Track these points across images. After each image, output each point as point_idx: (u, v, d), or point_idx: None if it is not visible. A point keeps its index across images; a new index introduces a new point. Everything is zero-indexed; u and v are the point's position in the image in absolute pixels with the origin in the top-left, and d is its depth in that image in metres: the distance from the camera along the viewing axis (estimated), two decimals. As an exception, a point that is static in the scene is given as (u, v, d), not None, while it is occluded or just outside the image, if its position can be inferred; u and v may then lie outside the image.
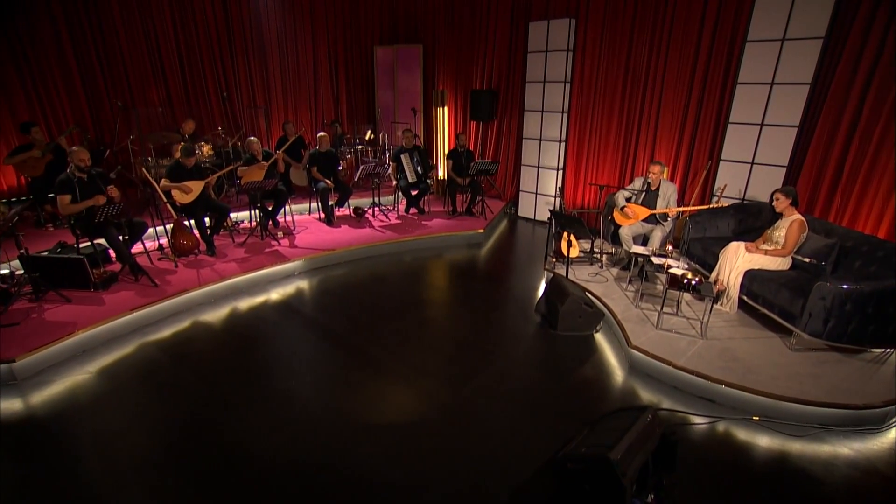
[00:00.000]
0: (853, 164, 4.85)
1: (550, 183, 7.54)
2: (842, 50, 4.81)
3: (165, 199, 5.36)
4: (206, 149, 7.32)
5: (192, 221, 5.72)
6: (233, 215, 6.94)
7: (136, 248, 5.37)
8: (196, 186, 5.57)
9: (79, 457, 2.88)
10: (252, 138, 6.35)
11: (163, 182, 5.40)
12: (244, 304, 4.98)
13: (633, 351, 3.72)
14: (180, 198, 5.46)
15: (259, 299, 5.08)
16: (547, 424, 3.18)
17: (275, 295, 5.18)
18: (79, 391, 3.50)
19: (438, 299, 5.09)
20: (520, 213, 8.13)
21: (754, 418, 3.21)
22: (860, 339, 3.45)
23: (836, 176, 5.00)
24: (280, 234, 6.54)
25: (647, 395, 3.50)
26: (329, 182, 7.00)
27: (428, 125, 9.35)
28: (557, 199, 5.46)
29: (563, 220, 4.72)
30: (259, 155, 6.39)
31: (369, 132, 9.44)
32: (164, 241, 5.79)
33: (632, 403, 3.38)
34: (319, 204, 7.17)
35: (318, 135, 7.06)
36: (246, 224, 6.83)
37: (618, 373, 3.75)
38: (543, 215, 7.50)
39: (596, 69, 6.82)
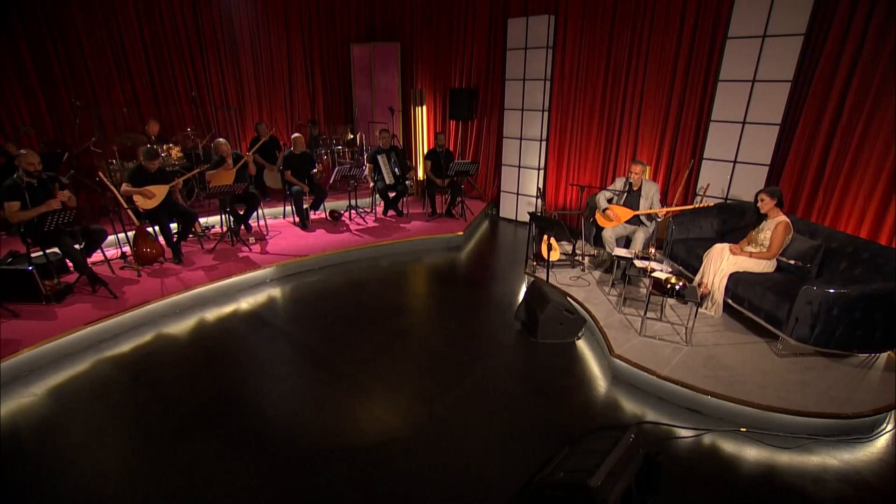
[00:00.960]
0: (835, 163, 4.78)
1: (532, 183, 7.39)
2: (822, 47, 4.74)
3: (126, 205, 5.07)
4: (175, 151, 7.02)
5: (157, 228, 5.44)
6: (203, 220, 6.68)
7: (97, 256, 5.09)
8: (160, 191, 5.29)
9: (15, 493, 2.63)
10: (220, 140, 6.07)
11: (123, 187, 5.11)
12: (211, 314, 4.73)
13: (615, 360, 3.56)
14: (143, 203, 5.18)
15: (227, 309, 4.83)
16: (525, 442, 3.01)
17: (244, 304, 4.93)
18: (21, 416, 3.23)
19: (415, 307, 4.89)
20: (501, 214, 7.97)
21: (742, 430, 3.07)
22: (848, 345, 3.34)
23: (818, 174, 4.93)
24: (252, 239, 6.29)
25: (630, 407, 3.34)
26: (304, 185, 6.76)
27: (407, 125, 9.15)
28: (538, 201, 5.28)
29: (543, 222, 4.56)
30: (228, 157, 6.11)
31: (349, 133, 9.21)
32: (126, 249, 5.50)
33: (614, 418, 3.23)
34: (293, 208, 6.92)
35: (293, 136, 6.81)
36: (217, 229, 6.56)
37: (601, 383, 3.60)
38: (525, 216, 7.36)
39: (576, 66, 6.68)
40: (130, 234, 5.28)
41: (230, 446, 2.95)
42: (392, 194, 7.26)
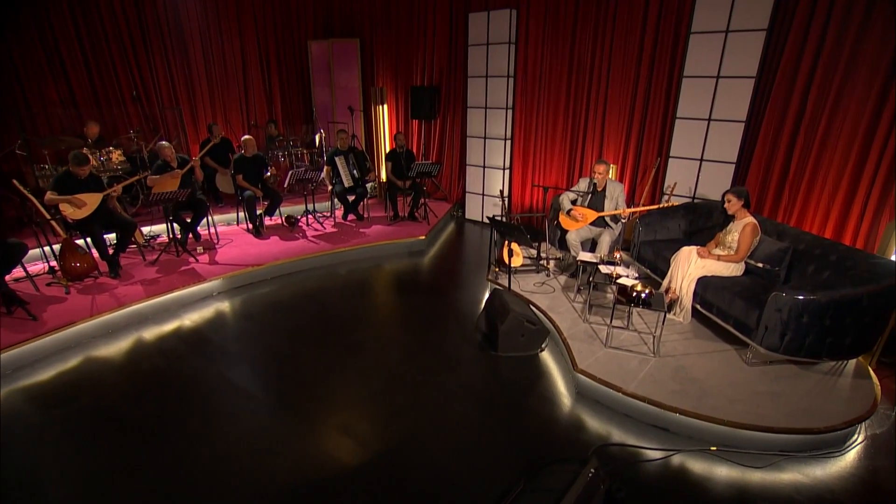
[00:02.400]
0: (799, 160, 4.69)
1: (497, 183, 7.15)
2: (784, 42, 4.65)
3: (49, 216, 4.62)
4: (116, 155, 6.53)
5: (89, 240, 5.00)
6: (147, 229, 6.23)
7: (18, 272, 4.62)
8: (92, 199, 4.85)
9: None
10: (164, 143, 5.64)
11: (48, 195, 4.65)
12: (150, 333, 4.34)
13: (579, 375, 3.34)
14: (71, 213, 4.73)
15: (168, 327, 4.44)
16: (482, 469, 2.75)
17: (187, 321, 4.54)
18: None
19: (371, 319, 4.58)
20: (467, 216, 7.72)
21: (712, 449, 2.88)
22: (818, 353, 3.20)
23: (783, 172, 4.83)
24: (200, 248, 5.87)
25: (595, 426, 3.12)
26: (257, 190, 6.37)
27: (369, 125, 8.81)
28: (502, 203, 5.05)
29: (502, 227, 4.31)
30: (173, 161, 5.69)
31: (315, 134, 8.82)
32: (55, 263, 5.03)
33: (577, 440, 3.00)
34: (246, 214, 6.52)
35: (243, 138, 6.41)
36: (164, 239, 6.12)
37: (564, 400, 3.37)
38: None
39: (539, 63, 6.47)
40: (57, 247, 4.81)
41: (159, 489, 2.60)
42: (351, 197, 6.93)
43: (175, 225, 5.77)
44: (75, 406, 3.33)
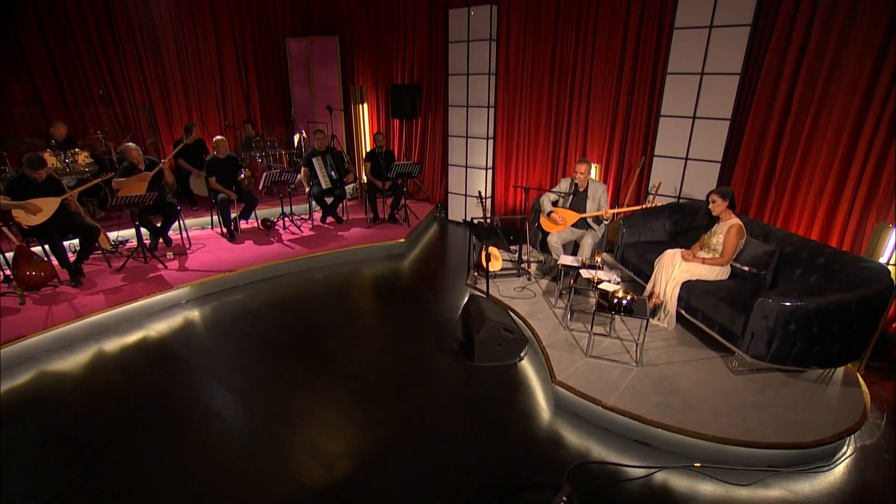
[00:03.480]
0: (786, 159, 4.57)
1: (480, 183, 6.98)
2: (769, 38, 4.53)
3: (0, 223, 4.37)
4: (83, 157, 6.27)
5: (47, 247, 4.75)
6: (114, 234, 5.97)
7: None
8: (48, 204, 4.60)
9: None
10: (129, 144, 5.39)
11: (0, 200, 4.40)
12: (110, 346, 4.11)
13: (557, 387, 3.17)
14: (26, 219, 4.48)
15: (130, 339, 4.21)
16: (453, 490, 2.57)
17: (152, 332, 4.32)
18: None
19: (343, 328, 4.36)
20: (450, 217, 7.54)
21: (696, 465, 2.73)
22: (806, 361, 3.06)
23: (769, 171, 4.72)
24: (170, 254, 5.64)
25: (574, 441, 2.96)
26: (230, 193, 6.13)
27: (349, 125, 8.60)
28: (480, 205, 4.88)
29: (479, 230, 4.14)
30: (140, 164, 5.45)
31: (294, 134, 8.59)
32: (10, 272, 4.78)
33: (555, 457, 2.82)
34: (220, 217, 6.29)
35: (215, 139, 6.17)
36: (134, 244, 5.86)
37: (543, 413, 3.20)
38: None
39: (521, 59, 6.30)
40: (10, 254, 4.56)
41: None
42: (329, 199, 6.72)
43: (144, 230, 5.54)
44: (22, 425, 3.11)
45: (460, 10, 6.39)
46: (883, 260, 3.50)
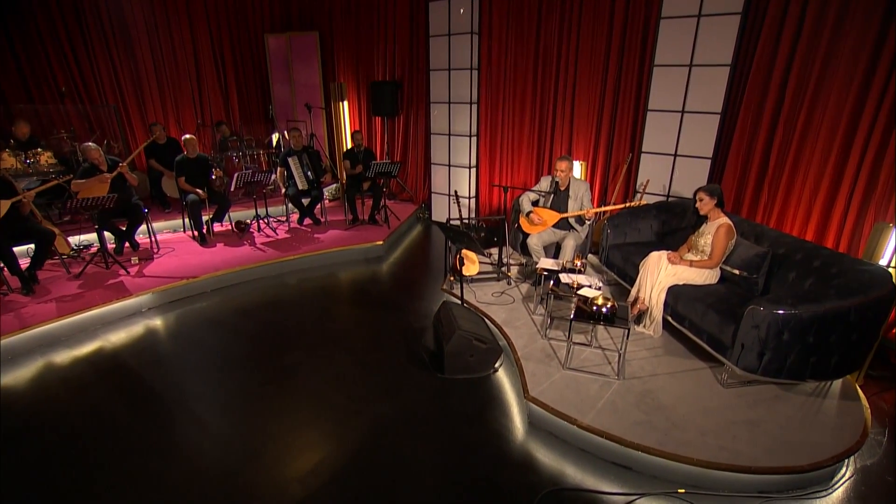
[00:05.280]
0: (779, 155, 4.33)
1: (464, 183, 6.73)
2: (760, 27, 4.29)
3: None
4: (45, 157, 5.98)
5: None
6: (75, 239, 5.68)
7: None
8: (-2, 207, 4.33)
9: None
10: (90, 144, 5.11)
11: (-56, 204, 4.13)
12: (62, 358, 3.84)
13: (531, 404, 2.91)
14: (-29, 223, 4.21)
15: (84, 351, 3.94)
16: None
17: (105, 343, 4.04)
18: None
19: (310, 338, 4.07)
20: (434, 218, 7.27)
21: (680, 491, 2.47)
22: (800, 374, 2.81)
23: (762, 168, 4.47)
24: (135, 259, 5.36)
25: (548, 463, 2.69)
26: (200, 192, 5.86)
27: (331, 123, 8.33)
28: (456, 205, 4.61)
29: (450, 233, 3.87)
30: (102, 164, 5.17)
31: (273, 133, 8.32)
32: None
33: (525, 483, 2.56)
34: (191, 220, 6.01)
35: (184, 138, 5.89)
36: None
37: (515, 432, 2.93)
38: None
39: (504, 53, 6.05)
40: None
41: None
42: (306, 201, 6.45)
43: (108, 233, 5.26)
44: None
45: (441, 3, 6.13)
46: (883, 262, 3.25)
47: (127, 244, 5.62)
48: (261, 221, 6.43)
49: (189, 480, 2.59)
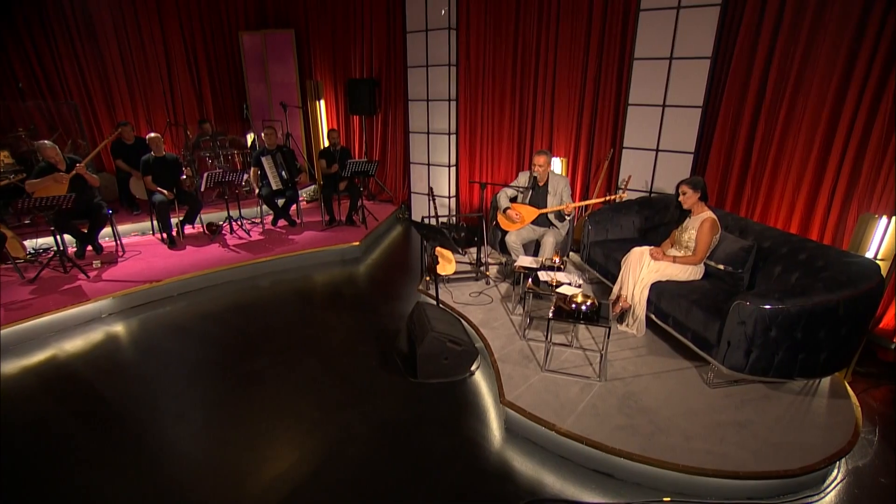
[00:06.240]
0: (761, 149, 4.24)
1: (444, 181, 6.56)
2: (740, 19, 4.19)
3: None
4: (2, 156, 5.69)
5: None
6: (34, 242, 5.39)
7: None
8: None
9: None
10: (45, 142, 4.84)
11: None
12: (8, 368, 3.57)
13: (507, 409, 2.74)
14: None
15: (33, 360, 3.68)
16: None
17: (58, 352, 3.79)
18: None
19: (278, 342, 3.84)
20: (414, 218, 7.08)
21: (665, 500, 2.31)
22: (789, 372, 2.67)
23: (745, 162, 4.37)
24: (97, 262, 5.09)
25: (526, 471, 2.52)
26: (167, 192, 5.60)
27: (308, 122, 8.11)
28: (432, 202, 4.45)
29: (424, 230, 3.69)
30: (60, 164, 4.91)
31: (248, 133, 8.09)
32: None
33: (501, 493, 2.38)
34: (158, 222, 5.76)
35: (148, 136, 5.64)
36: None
37: (492, 439, 2.75)
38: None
39: (482, 48, 5.91)
40: None
41: None
42: (281, 201, 6.23)
43: (67, 237, 4.99)
44: None
45: (417, -2, 5.98)
46: (870, 254, 3.15)
47: (89, 247, 5.34)
48: (233, 223, 6.18)
49: (139, 500, 2.36)
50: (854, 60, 3.59)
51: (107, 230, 5.50)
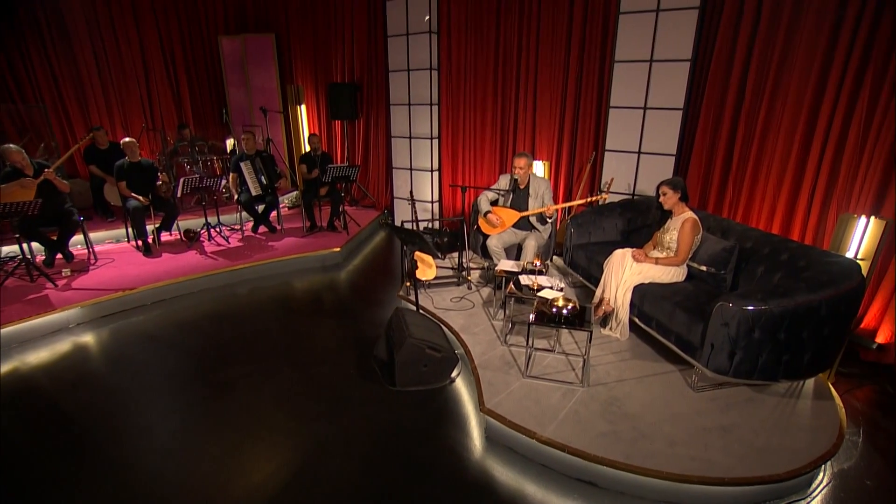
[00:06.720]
0: (742, 150, 4.24)
1: (426, 186, 6.49)
2: (718, 20, 4.20)
3: None
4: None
5: None
6: (4, 249, 5.21)
7: None
8: None
9: None
10: (11, 146, 4.68)
11: None
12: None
13: (488, 417, 2.65)
14: None
15: (-3, 371, 3.52)
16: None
17: (19, 364, 3.62)
18: None
19: (253, 351, 3.70)
20: (397, 223, 6.99)
21: (649, 508, 2.24)
22: (773, 374, 2.63)
23: (726, 164, 4.37)
24: (67, 271, 4.91)
25: (506, 480, 2.43)
26: (142, 198, 5.44)
27: (289, 128, 8.00)
28: (411, 206, 4.38)
29: (402, 235, 3.62)
30: (27, 168, 4.74)
31: (227, 139, 7.93)
32: None
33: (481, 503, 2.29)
34: (133, 228, 5.59)
35: (122, 141, 5.49)
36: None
37: (472, 448, 2.66)
38: (420, 224, 6.43)
39: (464, 52, 5.87)
40: None
41: None
42: (260, 207, 6.10)
43: (35, 244, 4.81)
44: None
45: (398, 2, 5.93)
46: (850, 253, 3.14)
47: (59, 255, 5.16)
48: (212, 230, 6.03)
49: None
50: (830, 63, 3.61)
51: (78, 237, 5.34)
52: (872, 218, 3.11)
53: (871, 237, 3.09)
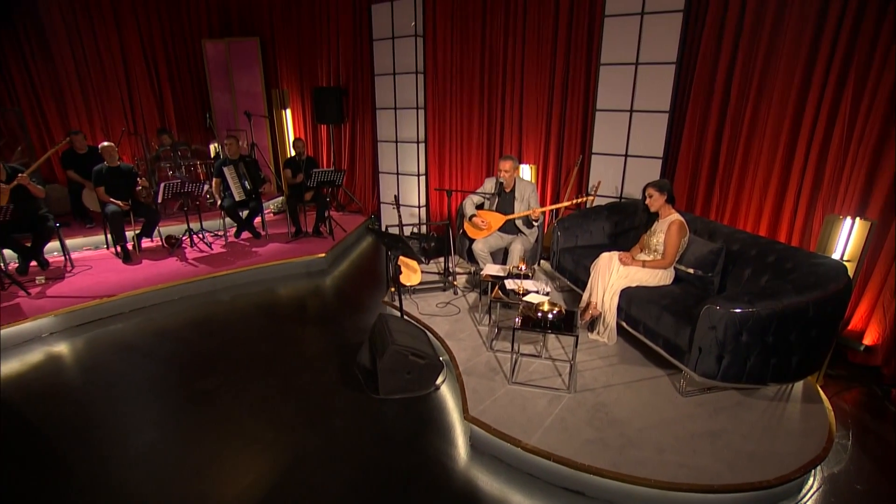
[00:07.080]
0: (728, 152, 4.23)
1: (413, 191, 6.43)
2: (703, 23, 4.20)
3: None
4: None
5: None
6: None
7: None
8: None
9: None
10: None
11: None
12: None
13: (472, 425, 2.58)
14: None
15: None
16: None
17: (-7, 375, 3.49)
18: None
19: (233, 359, 3.60)
20: (384, 228, 6.91)
21: (638, 517, 2.17)
22: (762, 377, 2.59)
23: (712, 166, 4.36)
24: (41, 278, 4.77)
25: (492, 490, 2.36)
26: (121, 203, 5.32)
27: (275, 132, 7.91)
28: (396, 210, 4.32)
29: (386, 239, 3.54)
30: (0, 173, 4.61)
31: (210, 144, 7.82)
32: None
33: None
34: (112, 234, 5.46)
35: (101, 145, 5.37)
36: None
37: (457, 457, 2.58)
38: (407, 229, 6.36)
39: (450, 56, 5.83)
40: None
41: None
42: (244, 212, 5.99)
43: (7, 251, 4.67)
44: None
45: (384, 5, 5.89)
46: (836, 255, 3.12)
47: (34, 263, 5.02)
48: (194, 236, 5.91)
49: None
50: (813, 64, 3.62)
51: (54, 244, 5.20)
52: (858, 219, 3.10)
53: (857, 238, 3.08)
